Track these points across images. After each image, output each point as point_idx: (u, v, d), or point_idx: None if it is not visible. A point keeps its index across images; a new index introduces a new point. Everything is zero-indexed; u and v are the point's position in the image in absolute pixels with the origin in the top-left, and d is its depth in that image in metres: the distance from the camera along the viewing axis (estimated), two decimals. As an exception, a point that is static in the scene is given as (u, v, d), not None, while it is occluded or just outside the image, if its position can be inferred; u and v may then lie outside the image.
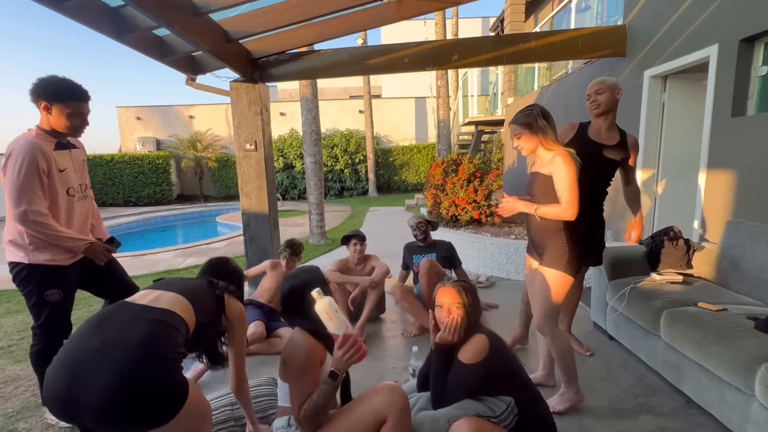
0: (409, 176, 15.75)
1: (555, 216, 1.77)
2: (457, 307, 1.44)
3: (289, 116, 15.52)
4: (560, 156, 1.75)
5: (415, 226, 3.15)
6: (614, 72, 3.92)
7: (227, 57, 3.12)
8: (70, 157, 1.90)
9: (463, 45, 3.64)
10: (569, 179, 1.71)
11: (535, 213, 1.80)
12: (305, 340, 1.33)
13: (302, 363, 1.29)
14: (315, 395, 1.24)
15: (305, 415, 1.23)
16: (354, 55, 3.67)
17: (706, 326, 1.79)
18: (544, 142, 1.80)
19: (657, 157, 3.47)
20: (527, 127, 1.80)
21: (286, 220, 9.93)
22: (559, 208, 1.74)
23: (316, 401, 1.23)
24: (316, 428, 1.24)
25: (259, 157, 3.74)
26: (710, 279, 2.42)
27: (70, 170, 1.89)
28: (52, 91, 1.75)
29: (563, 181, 1.72)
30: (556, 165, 1.75)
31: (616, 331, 2.49)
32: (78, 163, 1.96)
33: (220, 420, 1.69)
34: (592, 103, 2.19)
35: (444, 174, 5.52)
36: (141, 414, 1.04)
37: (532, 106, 1.84)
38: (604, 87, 2.16)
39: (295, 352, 1.32)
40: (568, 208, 1.72)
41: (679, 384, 1.94)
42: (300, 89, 6.83)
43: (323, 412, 1.24)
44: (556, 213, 1.76)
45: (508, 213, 1.88)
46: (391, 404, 1.24)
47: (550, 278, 1.83)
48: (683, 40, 3.02)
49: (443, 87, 10.07)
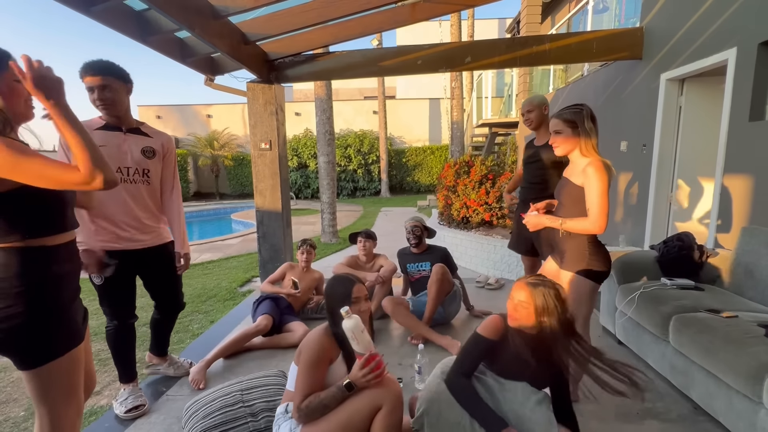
0: (422, 177, 15.75)
1: (582, 230, 1.69)
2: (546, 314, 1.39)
3: (304, 116, 15.72)
4: (593, 167, 1.65)
5: (409, 230, 2.98)
6: (630, 75, 3.87)
7: (244, 58, 3.21)
8: (122, 138, 1.89)
9: (476, 47, 3.65)
10: (600, 192, 1.63)
11: (561, 227, 1.73)
12: (323, 338, 1.39)
13: (313, 357, 1.35)
14: (324, 395, 1.29)
15: (308, 407, 1.28)
16: (367, 57, 3.72)
17: (715, 332, 1.77)
18: (584, 147, 1.71)
19: (673, 162, 3.42)
20: (571, 126, 1.71)
21: (299, 218, 10.07)
22: (587, 222, 1.66)
23: (322, 400, 1.28)
24: (311, 421, 1.30)
25: (274, 156, 3.83)
26: (724, 285, 2.38)
27: (114, 149, 1.85)
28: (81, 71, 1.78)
29: (594, 193, 1.64)
30: (588, 176, 1.66)
31: (624, 336, 2.47)
32: (134, 149, 1.92)
33: (230, 403, 1.77)
34: (525, 120, 2.56)
35: (456, 175, 5.53)
36: None
37: (581, 105, 1.74)
38: (533, 106, 2.52)
39: (309, 344, 1.38)
40: (596, 221, 1.64)
41: (687, 390, 1.93)
42: (315, 90, 6.93)
43: (324, 412, 1.29)
44: (583, 227, 1.68)
45: (533, 228, 1.85)
46: (387, 394, 1.30)
47: (572, 282, 1.76)
48: (701, 43, 2.97)
49: (457, 88, 10.05)
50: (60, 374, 1.18)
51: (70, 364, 1.20)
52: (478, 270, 4.63)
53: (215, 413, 1.74)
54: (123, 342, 2.02)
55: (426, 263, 2.94)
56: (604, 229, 1.65)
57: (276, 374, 1.99)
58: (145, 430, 1.85)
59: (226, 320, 3.29)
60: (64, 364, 1.19)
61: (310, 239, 3.07)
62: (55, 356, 1.16)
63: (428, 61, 3.65)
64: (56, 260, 1.18)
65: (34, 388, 1.17)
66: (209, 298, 4.17)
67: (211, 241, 7.50)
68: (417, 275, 2.97)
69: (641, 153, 3.70)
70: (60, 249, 1.19)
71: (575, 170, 1.76)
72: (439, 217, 6.03)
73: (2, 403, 2.32)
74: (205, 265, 5.68)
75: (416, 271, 2.98)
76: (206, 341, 2.80)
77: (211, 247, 6.94)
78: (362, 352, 1.32)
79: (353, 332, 1.30)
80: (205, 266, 5.64)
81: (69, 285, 1.24)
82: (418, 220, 3.03)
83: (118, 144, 1.88)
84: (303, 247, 2.99)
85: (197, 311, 3.77)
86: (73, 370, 1.22)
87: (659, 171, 3.45)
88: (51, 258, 1.17)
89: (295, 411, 1.30)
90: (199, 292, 4.37)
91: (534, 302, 1.37)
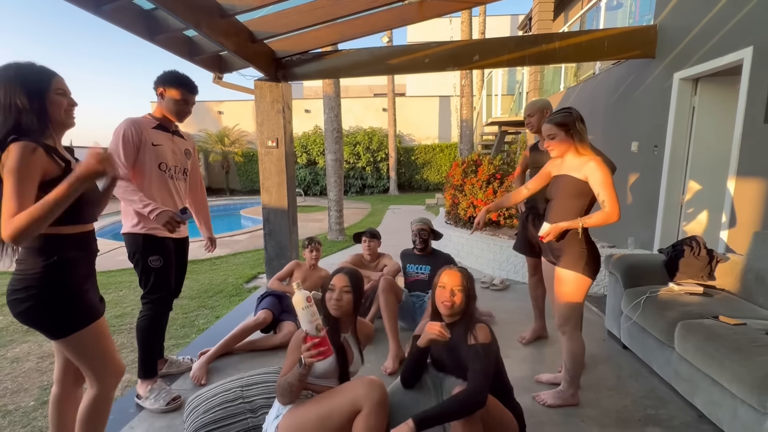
0: (431, 175, 15.68)
1: (602, 222, 1.77)
2: (459, 290, 1.50)
3: (313, 113, 15.77)
4: (595, 161, 1.77)
5: (416, 232, 2.89)
6: (643, 74, 3.79)
7: (252, 57, 3.23)
8: (170, 139, 2.11)
9: (484, 45, 3.61)
10: (608, 182, 1.75)
11: (580, 226, 1.80)
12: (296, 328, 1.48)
13: (292, 344, 1.47)
14: (290, 375, 1.38)
15: (279, 386, 1.40)
16: (375, 55, 3.71)
17: (721, 340, 1.73)
18: (580, 147, 1.82)
19: (685, 163, 3.34)
20: (563, 128, 1.82)
21: (306, 215, 10.12)
22: (604, 213, 1.75)
23: (287, 378, 1.38)
24: (288, 402, 1.40)
25: (280, 154, 3.85)
26: (733, 291, 2.32)
27: (169, 149, 2.08)
28: (169, 79, 2.03)
29: (602, 184, 1.75)
30: (591, 169, 1.76)
31: (629, 341, 2.44)
32: (179, 150, 2.15)
33: (230, 399, 1.79)
34: (527, 124, 2.57)
35: (463, 174, 5.49)
36: None
37: (569, 108, 1.85)
38: (533, 110, 2.51)
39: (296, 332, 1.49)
40: (613, 209, 1.74)
41: (691, 398, 1.89)
42: (323, 88, 6.94)
43: (291, 390, 1.37)
44: (602, 218, 1.76)
45: (554, 237, 1.87)
46: (368, 396, 1.31)
47: (568, 281, 1.85)
48: (716, 42, 2.89)
49: (467, 86, 9.97)
50: (86, 343, 1.34)
51: (94, 335, 1.35)
52: (483, 270, 4.60)
53: (216, 408, 1.76)
54: (157, 330, 2.14)
55: (426, 267, 2.88)
56: (620, 215, 1.75)
57: (276, 371, 2.01)
58: (147, 424, 1.89)
59: (231, 315, 3.33)
60: (88, 335, 1.33)
61: (316, 237, 3.08)
62: (76, 329, 1.30)
63: (436, 59, 3.62)
64: (69, 247, 1.30)
65: (69, 353, 1.35)
66: (216, 293, 4.23)
67: (219, 237, 7.59)
68: (415, 277, 2.91)
69: (652, 154, 3.63)
70: (74, 237, 1.32)
71: (572, 167, 1.85)
72: (446, 216, 6.00)
73: (14, 392, 2.38)
74: (213, 261, 5.75)
75: (415, 272, 2.92)
76: (211, 336, 2.84)
77: (220, 243, 7.02)
78: (302, 328, 1.35)
79: (297, 305, 1.33)
80: (213, 261, 5.72)
81: (81, 268, 1.36)
82: (426, 223, 2.93)
83: (170, 145, 2.11)
84: (311, 245, 2.98)
85: (203, 306, 3.83)
86: (99, 339, 1.37)
87: (671, 172, 3.38)
88: (65, 244, 1.29)
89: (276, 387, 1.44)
90: (206, 288, 4.42)
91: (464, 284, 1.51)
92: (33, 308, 1.25)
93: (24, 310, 1.25)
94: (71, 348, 1.32)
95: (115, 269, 5.29)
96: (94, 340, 1.35)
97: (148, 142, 2.00)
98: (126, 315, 3.61)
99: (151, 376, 2.06)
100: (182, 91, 2.04)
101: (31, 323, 1.29)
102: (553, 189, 1.94)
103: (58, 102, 1.26)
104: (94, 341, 1.35)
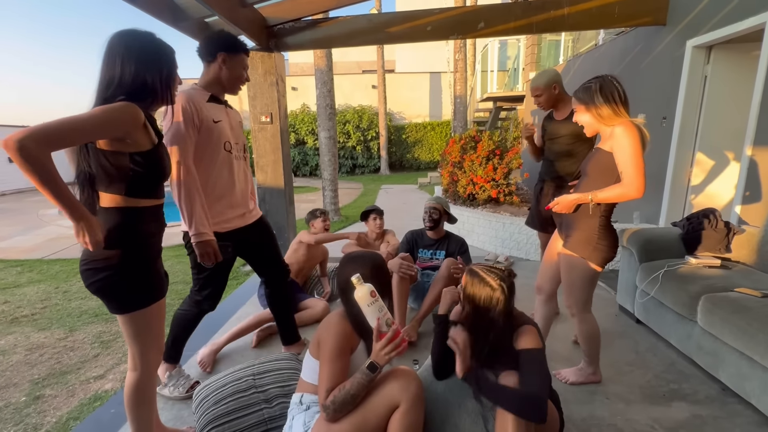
0: (422, 154, 15.49)
1: (617, 197, 1.56)
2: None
3: (301, 91, 15.27)
4: (622, 126, 1.53)
5: (427, 210, 2.64)
6: (652, 42, 3.66)
7: (242, 23, 2.98)
8: (226, 113, 1.81)
9: (490, 12, 3.41)
10: (631, 151, 1.49)
11: (592, 201, 1.61)
12: (341, 326, 1.28)
13: (334, 348, 1.23)
14: (349, 384, 1.18)
15: (334, 402, 1.17)
16: (373, 22, 3.48)
17: (752, 313, 1.69)
18: (606, 118, 1.58)
19: (694, 135, 3.27)
20: (583, 104, 1.64)
21: (298, 196, 9.90)
22: (621, 188, 1.52)
23: (348, 390, 1.17)
24: (342, 417, 1.18)
25: (275, 130, 3.64)
26: (750, 264, 2.29)
27: (226, 125, 1.78)
28: (234, 43, 1.75)
29: (624, 153, 1.51)
30: (615, 137, 1.54)
31: (645, 316, 2.40)
32: (235, 123, 1.87)
33: (242, 389, 1.68)
34: (535, 103, 2.39)
35: (462, 151, 5.36)
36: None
37: (591, 81, 1.62)
38: (540, 89, 2.31)
39: (329, 335, 1.26)
40: (632, 183, 1.49)
41: (714, 371, 1.86)
42: (314, 61, 6.62)
43: (354, 402, 1.18)
44: (617, 194, 1.54)
45: (565, 209, 1.72)
46: (405, 390, 1.19)
47: (573, 264, 1.73)
48: (734, 6, 2.77)
49: (461, 61, 9.69)
50: (149, 320, 1.32)
51: (157, 312, 1.34)
52: (486, 248, 4.54)
53: (228, 399, 1.65)
54: (192, 326, 1.97)
55: (442, 252, 2.65)
56: (644, 191, 1.52)
57: (288, 357, 1.90)
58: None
59: (229, 300, 3.20)
60: (152, 312, 1.32)
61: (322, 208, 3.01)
62: (145, 304, 1.29)
63: (438, 27, 3.41)
64: (149, 220, 1.29)
65: (128, 329, 1.31)
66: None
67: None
68: (428, 263, 2.70)
69: (660, 126, 3.54)
70: (152, 210, 1.30)
71: (603, 138, 1.66)
72: (444, 194, 5.90)
73: (2, 387, 2.23)
74: (205, 244, 5.56)
75: (429, 258, 2.71)
76: (210, 323, 2.70)
77: (211, 226, 6.80)
78: (371, 324, 1.21)
79: (363, 300, 1.19)
80: (206, 245, 5.53)
81: (157, 242, 1.35)
82: (440, 203, 2.67)
83: (228, 120, 1.81)
84: (323, 215, 2.96)
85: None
86: (159, 317, 1.36)
87: (679, 145, 3.31)
88: (144, 217, 1.27)
89: (322, 410, 1.18)
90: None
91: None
92: (109, 278, 1.22)
93: (99, 280, 1.22)
94: (134, 324, 1.29)
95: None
96: (156, 318, 1.34)
97: (209, 120, 1.70)
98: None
99: (173, 360, 1.94)
100: (245, 58, 1.79)
101: (104, 294, 1.26)
102: (584, 166, 1.77)
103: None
104: (155, 319, 1.34)
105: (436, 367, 1.46)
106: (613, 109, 1.57)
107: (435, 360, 1.47)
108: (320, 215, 2.95)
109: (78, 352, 2.57)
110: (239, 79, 1.79)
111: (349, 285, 1.25)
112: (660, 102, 3.56)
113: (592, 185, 1.66)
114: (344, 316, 1.32)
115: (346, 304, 1.31)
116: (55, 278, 4.14)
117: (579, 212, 1.72)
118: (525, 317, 1.35)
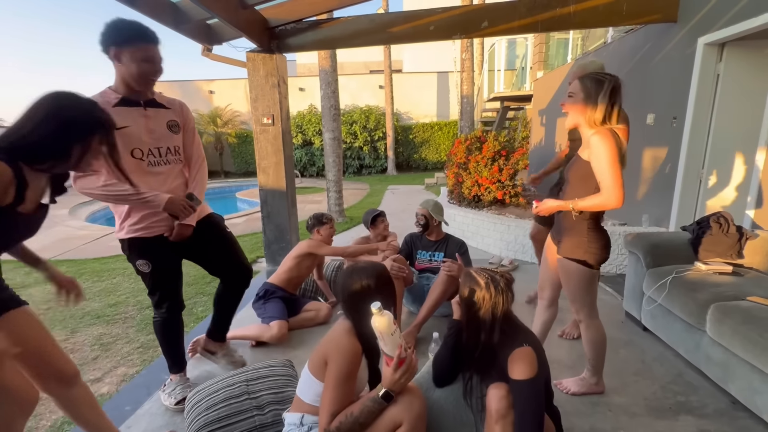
0: (430, 154, 15.39)
1: (597, 207, 1.54)
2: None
3: (308, 92, 15.29)
4: (598, 135, 1.48)
5: (416, 214, 2.68)
6: (662, 40, 3.56)
7: (243, 25, 2.97)
8: (142, 115, 1.65)
9: (494, 10, 3.35)
10: (608, 161, 1.45)
11: (573, 209, 1.57)
12: (353, 346, 1.21)
13: (344, 371, 1.17)
14: (357, 411, 1.12)
15: (340, 428, 1.11)
16: (376, 22, 3.44)
17: (764, 323, 1.61)
18: (590, 119, 1.53)
19: (706, 135, 3.16)
20: (585, 92, 1.53)
21: (304, 197, 9.91)
22: (601, 197, 1.50)
23: (357, 418, 1.11)
24: None
25: (277, 132, 3.63)
26: (764, 271, 2.19)
27: (140, 129, 1.64)
28: (122, 34, 1.53)
29: (600, 163, 1.47)
30: (592, 146, 1.50)
31: (652, 323, 2.32)
32: (159, 124, 1.70)
33: (235, 395, 1.66)
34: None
35: (467, 152, 5.29)
36: None
37: (608, 75, 1.54)
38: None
39: (340, 356, 1.19)
40: (611, 194, 1.46)
41: (724, 383, 1.78)
42: (319, 62, 6.61)
43: (362, 430, 1.12)
44: (597, 203, 1.52)
45: (546, 213, 1.70)
46: (408, 411, 1.15)
47: (570, 270, 1.69)
48: (748, 1, 2.66)
49: (468, 60, 9.59)
50: None
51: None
52: (490, 251, 4.47)
53: (219, 405, 1.63)
54: (172, 331, 1.91)
55: (441, 254, 2.64)
56: (622, 201, 1.48)
57: (283, 364, 1.88)
58: (146, 422, 1.76)
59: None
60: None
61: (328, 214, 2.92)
62: None
63: (441, 26, 3.36)
64: None
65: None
66: (214, 279, 4.06)
67: (216, 220, 7.40)
68: (427, 265, 2.68)
69: (670, 126, 3.44)
70: None
71: (583, 145, 1.61)
72: (449, 195, 5.83)
73: None
74: (210, 245, 5.59)
75: (428, 260, 2.69)
76: (210, 325, 2.70)
77: (216, 227, 6.84)
78: (389, 354, 1.15)
79: (383, 332, 1.12)
80: (210, 246, 5.55)
81: None
82: (425, 207, 2.66)
83: (143, 123, 1.65)
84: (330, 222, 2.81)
85: (201, 293, 3.68)
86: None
87: (691, 145, 3.20)
88: None
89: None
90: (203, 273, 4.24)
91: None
92: None
93: None
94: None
95: (108, 256, 5.12)
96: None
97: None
98: (120, 304, 3.47)
99: (174, 370, 1.93)
100: (143, 46, 1.54)
101: None
102: (566, 172, 1.73)
103: None
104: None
105: (438, 375, 1.42)
106: (606, 114, 1.51)
107: (437, 367, 1.42)
108: (327, 221, 2.78)
109: (77, 354, 2.58)
110: (142, 74, 1.58)
111: (356, 299, 1.23)
112: (670, 101, 3.45)
113: (572, 193, 1.63)
114: (354, 335, 1.24)
115: (356, 322, 1.25)
116: (61, 279, 4.18)
117: (567, 217, 1.68)
118: (523, 335, 1.28)
